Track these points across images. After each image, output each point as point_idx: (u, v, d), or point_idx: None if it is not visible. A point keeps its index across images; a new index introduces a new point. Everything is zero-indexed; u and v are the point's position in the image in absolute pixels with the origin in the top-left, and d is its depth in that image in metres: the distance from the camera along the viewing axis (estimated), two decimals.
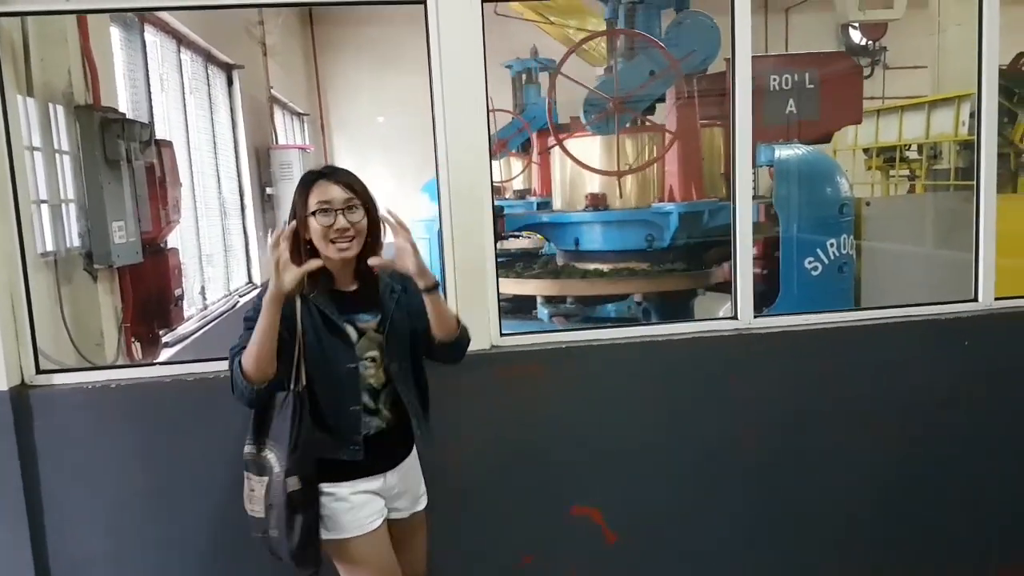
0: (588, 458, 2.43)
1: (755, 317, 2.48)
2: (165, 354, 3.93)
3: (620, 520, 2.46)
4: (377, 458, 1.82)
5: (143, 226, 3.23)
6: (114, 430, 2.26)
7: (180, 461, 2.27)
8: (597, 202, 4.28)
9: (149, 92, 4.36)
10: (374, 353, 1.80)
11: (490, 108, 2.40)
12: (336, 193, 1.72)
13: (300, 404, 1.70)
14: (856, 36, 7.84)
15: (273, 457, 1.71)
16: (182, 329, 4.39)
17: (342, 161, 10.18)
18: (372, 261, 1.75)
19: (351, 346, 1.77)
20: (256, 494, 1.75)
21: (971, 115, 4.62)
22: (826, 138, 4.53)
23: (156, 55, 4.77)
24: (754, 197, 2.68)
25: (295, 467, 1.68)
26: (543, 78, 6.59)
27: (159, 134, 4.51)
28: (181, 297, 3.45)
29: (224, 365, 2.31)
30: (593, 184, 4.32)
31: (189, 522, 2.28)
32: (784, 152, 3.66)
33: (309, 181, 1.75)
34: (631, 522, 2.46)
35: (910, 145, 6.21)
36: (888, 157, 6.47)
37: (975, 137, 2.48)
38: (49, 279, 2.70)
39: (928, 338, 2.51)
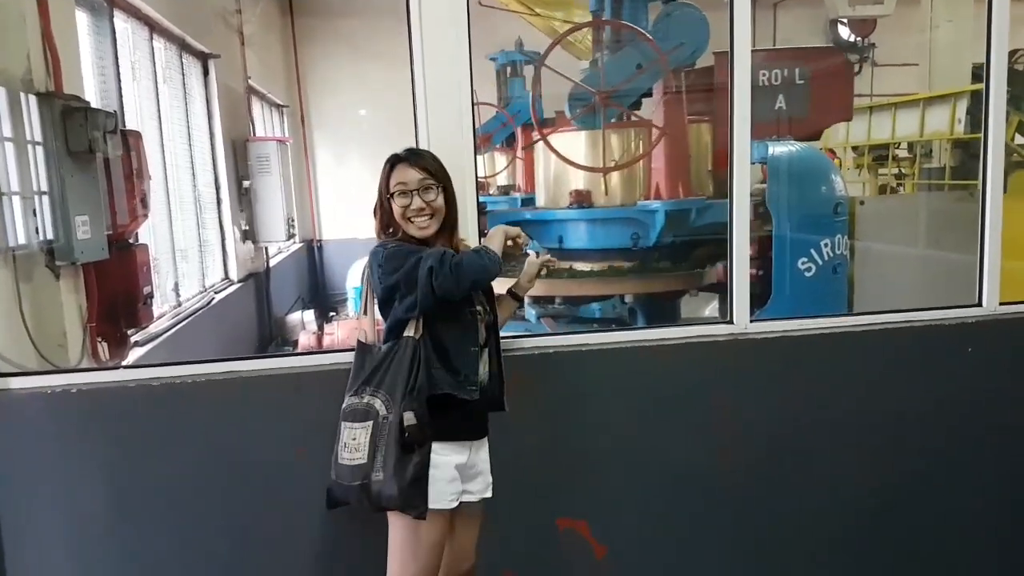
0: (574, 468, 2.33)
1: (751, 321, 2.38)
2: (135, 354, 3.77)
3: (609, 533, 2.36)
4: (473, 419, 1.94)
5: (110, 221, 3.07)
6: (77, 438, 2.12)
7: (148, 472, 2.14)
8: (581, 199, 4.18)
9: (119, 81, 4.17)
10: (480, 307, 1.95)
11: (474, 102, 2.30)
12: (412, 175, 1.87)
13: (419, 350, 1.82)
14: (845, 32, 7.80)
15: (380, 402, 1.81)
16: (154, 328, 4.22)
17: (321, 154, 10.03)
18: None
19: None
20: (357, 441, 1.81)
21: (967, 113, 4.58)
22: (815, 135, 4.45)
23: (127, 42, 4.58)
24: None
25: (412, 404, 1.79)
26: (528, 71, 6.46)
27: (130, 124, 4.34)
28: (151, 295, 3.28)
29: (194, 370, 2.24)
30: (577, 181, 4.21)
31: (157, 538, 2.16)
32: (778, 149, 3.56)
33: (390, 164, 1.91)
34: (620, 535, 2.36)
35: (899, 143, 6.17)
36: (877, 155, 6.43)
37: (982, 136, 2.40)
38: (7, 276, 2.54)
39: (931, 344, 2.44)
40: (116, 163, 3.10)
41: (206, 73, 6.00)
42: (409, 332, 1.84)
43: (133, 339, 3.82)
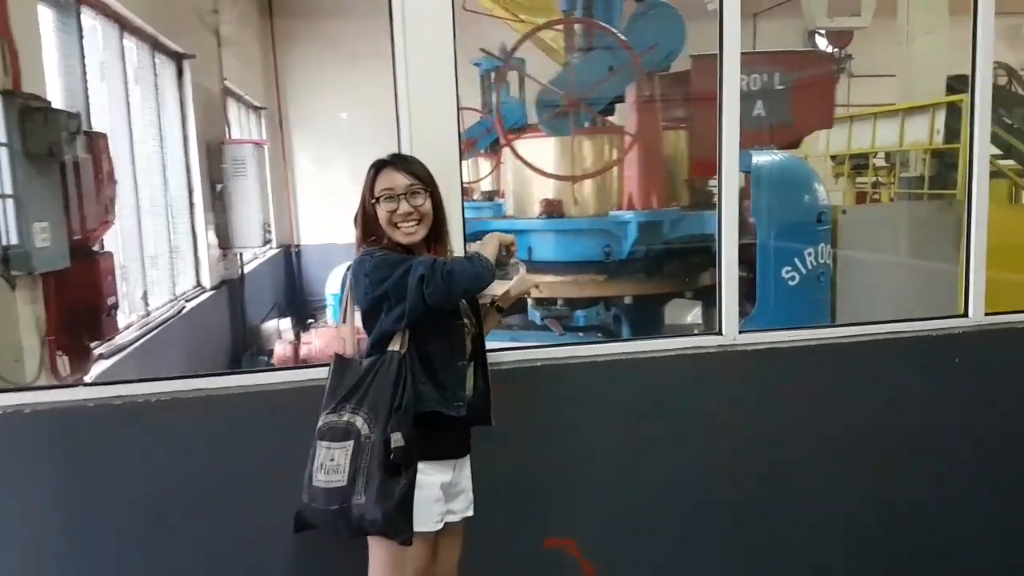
0: (562, 485, 2.25)
1: (740, 332, 2.33)
2: (99, 368, 3.61)
3: (599, 551, 2.28)
4: (458, 435, 1.87)
5: (72, 227, 2.93)
6: (28, 462, 1.98)
7: (108, 499, 2.01)
8: (551, 209, 4.04)
9: (85, 81, 4.02)
10: (466, 320, 1.88)
11: (459, 107, 2.23)
12: (399, 179, 1.80)
13: (404, 365, 1.74)
14: (822, 43, 7.90)
15: (361, 420, 1.71)
16: (121, 339, 4.06)
17: (299, 157, 9.88)
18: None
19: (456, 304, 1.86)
20: (336, 462, 1.71)
21: (945, 124, 4.64)
22: (795, 143, 4.41)
23: (96, 41, 4.43)
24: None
25: (400, 423, 1.69)
26: (513, 76, 6.41)
27: (99, 126, 4.19)
28: (115, 306, 3.13)
29: (158, 387, 2.12)
30: (548, 190, 4.08)
31: (114, 567, 2.03)
32: (761, 158, 3.54)
33: (376, 169, 1.83)
34: (610, 553, 2.29)
35: (876, 153, 6.23)
36: (856, 164, 6.49)
37: (961, 146, 2.38)
38: None
39: (919, 355, 2.41)
40: (80, 166, 2.97)
41: (180, 74, 5.85)
42: (394, 346, 1.75)
43: (97, 352, 3.67)
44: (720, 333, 2.32)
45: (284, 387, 2.11)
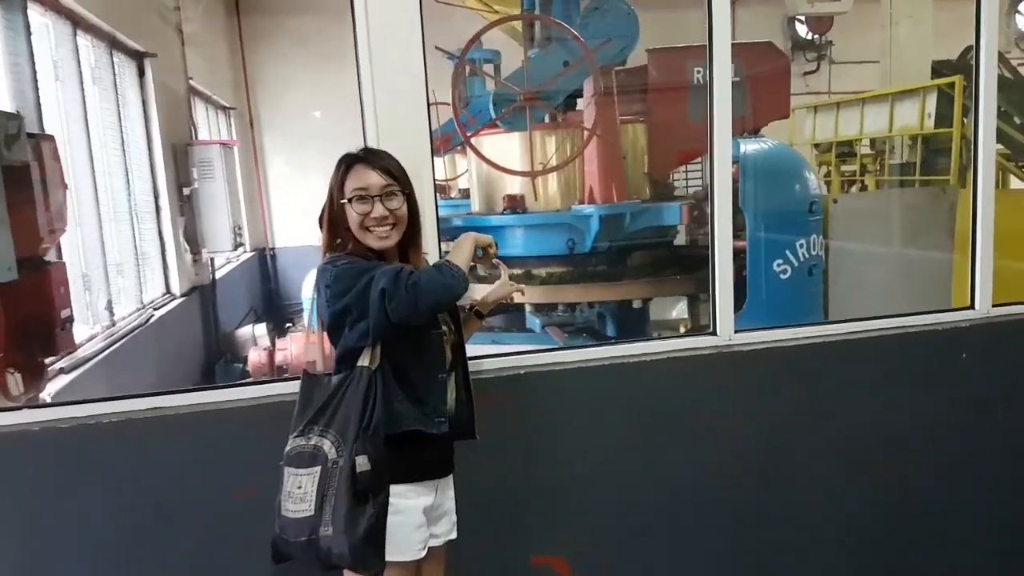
0: (550, 499, 2.11)
1: (735, 332, 2.20)
2: (59, 383, 3.40)
3: (590, 568, 2.14)
4: (440, 454, 1.73)
5: (19, 237, 2.71)
6: None
7: (53, 529, 1.85)
8: (515, 205, 3.99)
9: (36, 81, 3.78)
10: (445, 327, 1.74)
11: (434, 102, 2.09)
12: (373, 179, 1.64)
13: (374, 382, 1.59)
14: (802, 30, 7.81)
15: (328, 444, 1.58)
16: (85, 351, 3.84)
17: (272, 158, 9.61)
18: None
19: None
20: (303, 490, 1.57)
21: (936, 108, 4.55)
22: (753, 133, 4.37)
23: (49, 40, 4.19)
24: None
25: (366, 446, 1.55)
26: (488, 70, 6.26)
27: (54, 129, 3.96)
28: (70, 319, 2.93)
29: (111, 407, 1.94)
30: (512, 186, 4.04)
31: None
32: (750, 146, 3.41)
33: (346, 165, 1.67)
34: (603, 569, 2.15)
35: (861, 140, 6.15)
36: (841, 152, 6.40)
37: (972, 133, 2.27)
38: None
39: (925, 350, 2.30)
40: (24, 171, 2.75)
41: (142, 73, 5.60)
42: (364, 361, 1.61)
43: (57, 366, 3.46)
44: (715, 333, 2.19)
45: (247, 404, 1.94)
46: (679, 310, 6.22)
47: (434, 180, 2.06)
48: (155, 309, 5.07)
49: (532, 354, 2.16)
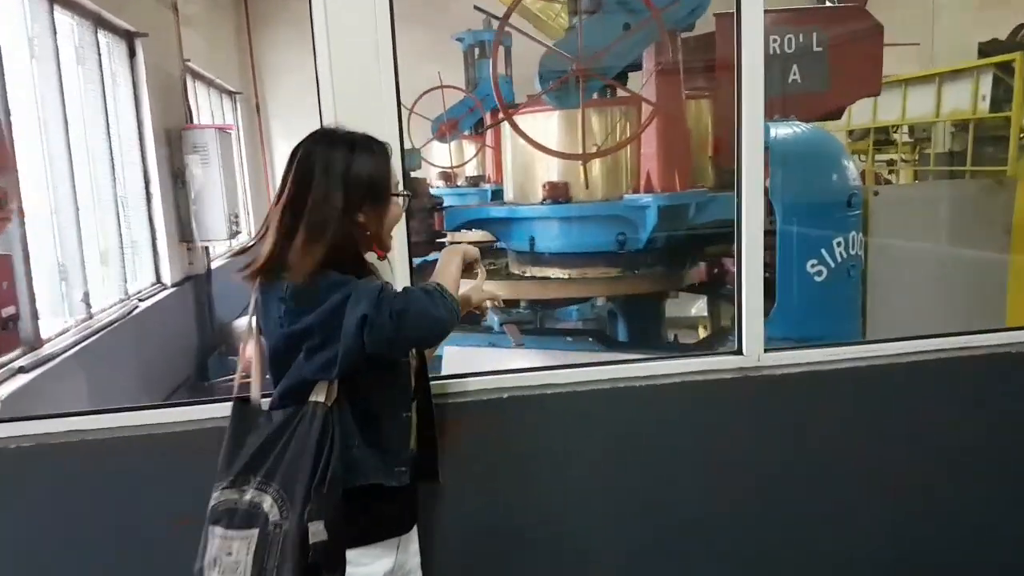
0: (537, 554, 1.78)
1: (765, 351, 1.83)
2: (17, 383, 3.15)
3: None
4: (401, 507, 1.42)
5: None
6: None
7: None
8: (557, 193, 3.47)
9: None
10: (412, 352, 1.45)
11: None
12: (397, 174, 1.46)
13: (331, 423, 1.28)
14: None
15: (269, 501, 1.27)
16: (52, 347, 3.58)
17: (280, 145, 9.35)
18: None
19: None
20: (235, 558, 1.25)
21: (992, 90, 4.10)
22: (836, 114, 3.84)
23: (24, 16, 3.92)
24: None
25: (321, 509, 1.23)
26: (500, 54, 5.87)
27: (25, 110, 3.71)
28: (13, 317, 2.66)
29: (52, 426, 1.67)
30: (552, 171, 3.52)
31: None
32: (781, 131, 3.01)
33: (387, 154, 1.39)
34: None
35: (899, 126, 5.69)
36: (878, 140, 5.94)
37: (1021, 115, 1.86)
38: None
39: (989, 376, 1.91)
40: None
41: (133, 54, 5.32)
42: (318, 396, 1.29)
43: (15, 365, 3.21)
44: (740, 352, 1.82)
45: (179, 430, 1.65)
46: (697, 307, 5.80)
47: (404, 166, 1.73)
48: (141, 300, 4.82)
49: (520, 373, 1.82)
